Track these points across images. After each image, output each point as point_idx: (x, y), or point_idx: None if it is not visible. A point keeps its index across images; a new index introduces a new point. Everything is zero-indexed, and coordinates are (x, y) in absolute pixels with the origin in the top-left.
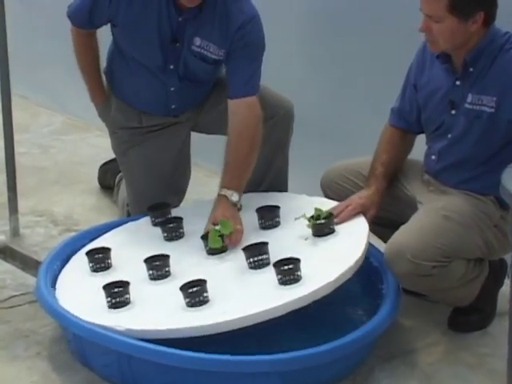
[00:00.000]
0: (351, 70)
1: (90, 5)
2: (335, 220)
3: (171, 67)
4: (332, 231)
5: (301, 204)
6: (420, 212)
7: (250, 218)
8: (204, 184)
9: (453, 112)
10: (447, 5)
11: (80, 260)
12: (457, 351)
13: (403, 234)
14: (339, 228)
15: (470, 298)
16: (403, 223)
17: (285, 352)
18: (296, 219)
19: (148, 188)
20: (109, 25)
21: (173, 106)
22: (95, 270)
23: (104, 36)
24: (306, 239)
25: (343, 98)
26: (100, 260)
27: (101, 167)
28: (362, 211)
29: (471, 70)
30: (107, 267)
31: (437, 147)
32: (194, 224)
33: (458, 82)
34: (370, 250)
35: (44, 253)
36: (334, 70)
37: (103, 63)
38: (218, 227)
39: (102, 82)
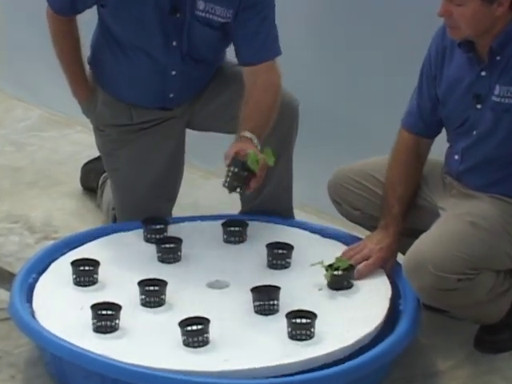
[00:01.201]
0: (365, 62)
1: None
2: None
3: (174, 44)
4: (350, 286)
5: (315, 246)
6: (442, 219)
7: (257, 252)
8: (199, 186)
9: (478, 106)
10: None
11: (60, 270)
12: (484, 375)
13: (424, 244)
14: (357, 282)
15: (500, 315)
16: (423, 231)
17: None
18: (312, 265)
19: (138, 192)
20: (89, 10)
21: (171, 95)
22: (79, 283)
23: (84, 22)
24: (320, 289)
25: (355, 93)
26: (86, 273)
27: (83, 167)
28: (382, 264)
29: (498, 58)
30: (93, 282)
31: (460, 146)
32: (193, 248)
33: (483, 73)
34: None
35: (19, 264)
36: (346, 62)
37: (85, 52)
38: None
39: (85, 75)
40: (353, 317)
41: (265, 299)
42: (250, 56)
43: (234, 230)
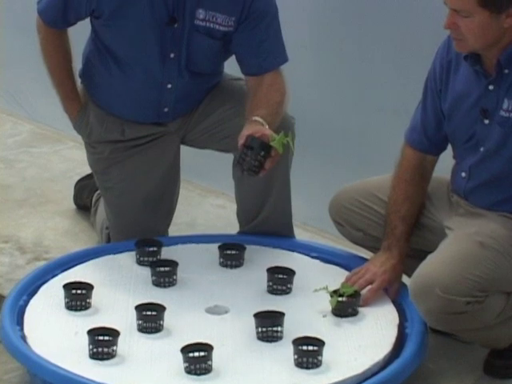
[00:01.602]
0: (367, 74)
1: None
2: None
3: (171, 56)
4: (355, 313)
5: (317, 270)
6: (450, 239)
7: (255, 277)
8: (197, 205)
9: (486, 121)
10: None
11: (51, 293)
12: None
13: (431, 265)
14: (362, 309)
15: (510, 339)
16: (429, 252)
17: None
18: (316, 291)
19: (132, 211)
20: (79, 23)
21: (165, 109)
22: (71, 307)
23: (75, 35)
24: (324, 316)
25: (359, 106)
26: (79, 297)
27: (76, 184)
28: (386, 287)
29: (506, 71)
30: (86, 307)
31: (467, 163)
32: (189, 271)
33: (490, 87)
34: None
35: (9, 286)
36: (349, 73)
37: (76, 65)
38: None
39: (76, 89)
40: (360, 344)
41: (269, 325)
42: (255, 67)
43: (231, 253)
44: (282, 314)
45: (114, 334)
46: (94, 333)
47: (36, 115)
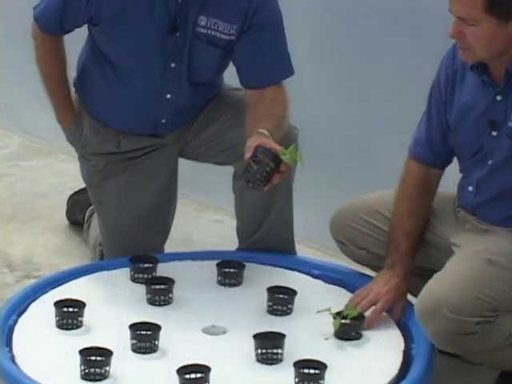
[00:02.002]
0: (370, 85)
1: (63, 3)
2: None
3: (172, 65)
4: (359, 336)
5: (320, 291)
6: (457, 256)
7: (254, 296)
8: (193, 220)
9: (494, 133)
10: (484, 3)
11: (41, 311)
12: None
13: (438, 284)
14: (366, 332)
15: None
16: (435, 270)
17: None
18: (318, 312)
19: (127, 227)
20: (75, 30)
21: (163, 121)
22: (62, 326)
23: (69, 43)
24: (326, 339)
25: (363, 118)
26: (71, 315)
27: (69, 199)
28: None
29: None
30: (78, 326)
31: (474, 176)
32: (185, 289)
33: (498, 97)
34: None
35: None
36: (349, 84)
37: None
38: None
39: (70, 98)
40: (364, 369)
41: (269, 347)
42: (255, 81)
43: (230, 271)
44: (282, 336)
45: (106, 354)
46: (85, 353)
47: (26, 127)
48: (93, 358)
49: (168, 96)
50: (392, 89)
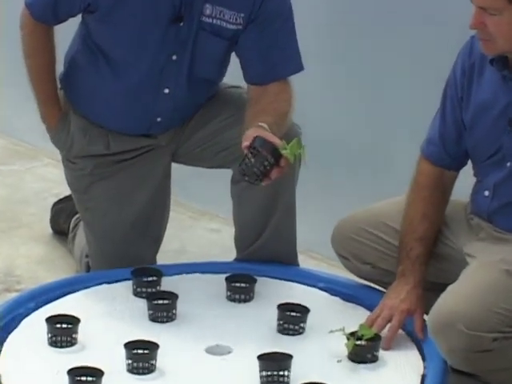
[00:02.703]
0: (379, 87)
1: None
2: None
3: (173, 58)
4: (375, 359)
5: (336, 309)
6: (472, 268)
7: (265, 314)
8: (188, 228)
9: None
10: None
11: (32, 328)
12: None
13: (453, 298)
14: (383, 353)
15: None
16: (448, 284)
17: None
18: (331, 332)
19: (116, 236)
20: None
21: (158, 119)
22: (55, 343)
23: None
24: (339, 361)
25: (371, 123)
26: (64, 332)
27: (53, 207)
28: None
29: None
30: (72, 343)
31: (491, 180)
32: (190, 305)
33: None
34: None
35: None
36: (356, 86)
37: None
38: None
39: (57, 95)
40: None
41: (274, 369)
42: (260, 76)
43: (240, 286)
44: (289, 357)
45: (97, 374)
46: (74, 373)
47: (7, 129)
48: (82, 378)
49: (166, 91)
50: (410, 87)
